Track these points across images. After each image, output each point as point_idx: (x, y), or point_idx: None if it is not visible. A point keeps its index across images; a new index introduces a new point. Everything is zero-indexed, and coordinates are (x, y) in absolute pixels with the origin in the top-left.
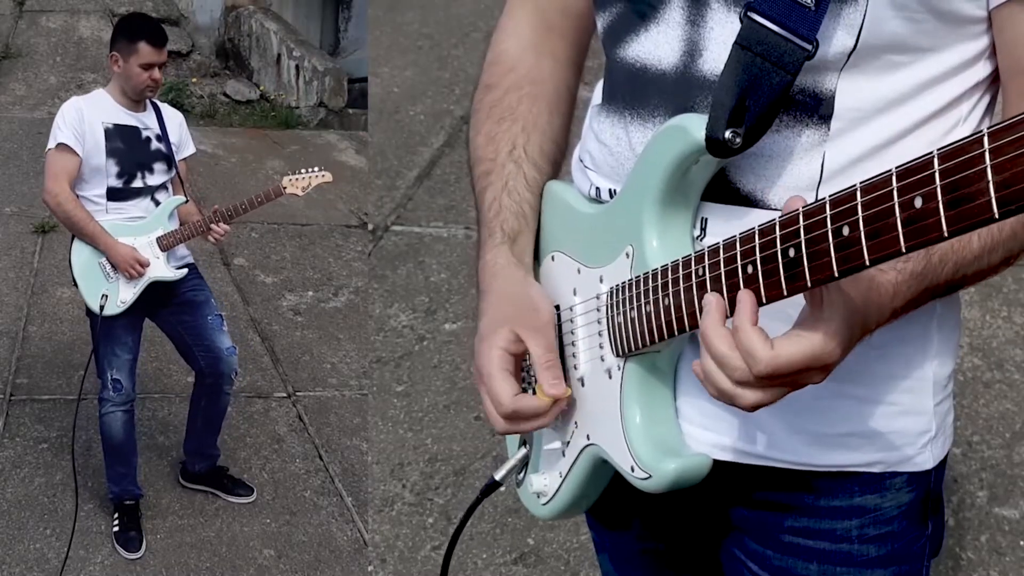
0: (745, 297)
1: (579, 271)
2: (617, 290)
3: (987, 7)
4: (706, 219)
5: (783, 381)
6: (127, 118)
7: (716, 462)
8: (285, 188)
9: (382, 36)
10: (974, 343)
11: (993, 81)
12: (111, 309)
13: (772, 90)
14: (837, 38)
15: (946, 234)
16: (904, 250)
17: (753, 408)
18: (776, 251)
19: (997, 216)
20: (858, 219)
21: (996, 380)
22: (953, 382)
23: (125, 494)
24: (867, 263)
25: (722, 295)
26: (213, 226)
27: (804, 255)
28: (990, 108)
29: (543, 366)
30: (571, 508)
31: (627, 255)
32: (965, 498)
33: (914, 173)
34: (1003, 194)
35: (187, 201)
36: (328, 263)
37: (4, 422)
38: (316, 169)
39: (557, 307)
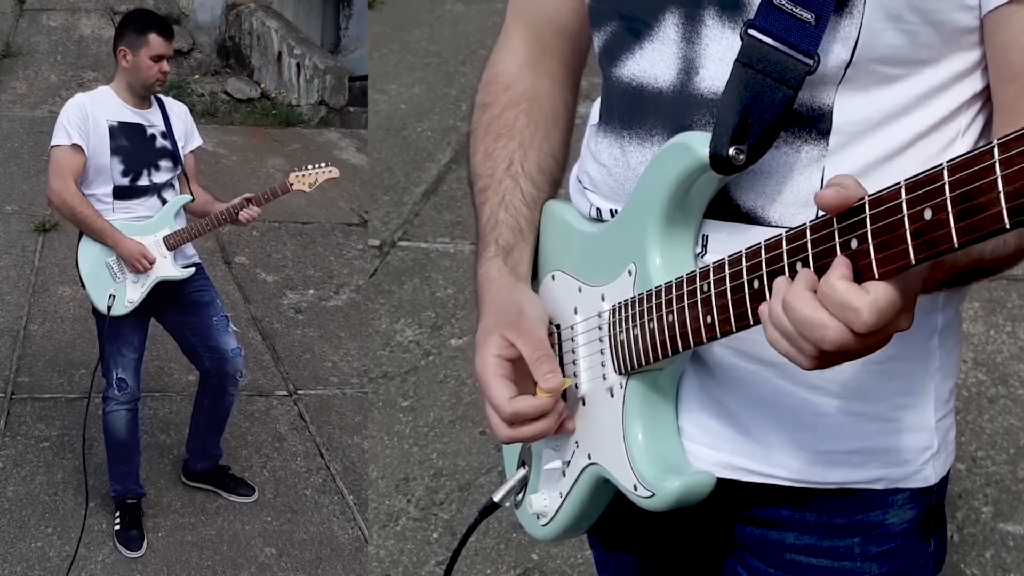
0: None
1: (580, 289)
2: (619, 308)
3: (979, 15)
4: (707, 236)
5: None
6: (132, 116)
7: (719, 480)
8: (292, 185)
9: (390, 53)
10: (978, 358)
11: (990, 95)
12: (118, 309)
13: (775, 106)
14: (834, 51)
15: (956, 245)
16: (914, 262)
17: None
18: (783, 265)
19: (1008, 226)
20: (867, 232)
21: (1000, 395)
22: (955, 397)
23: (128, 493)
24: (876, 275)
25: (727, 310)
26: (244, 210)
27: (812, 269)
28: (989, 122)
29: (534, 363)
30: (571, 529)
31: (630, 273)
32: (970, 514)
33: (923, 185)
34: (1014, 204)
35: (193, 199)
36: (329, 261)
37: (5, 420)
38: (323, 165)
39: (557, 326)
